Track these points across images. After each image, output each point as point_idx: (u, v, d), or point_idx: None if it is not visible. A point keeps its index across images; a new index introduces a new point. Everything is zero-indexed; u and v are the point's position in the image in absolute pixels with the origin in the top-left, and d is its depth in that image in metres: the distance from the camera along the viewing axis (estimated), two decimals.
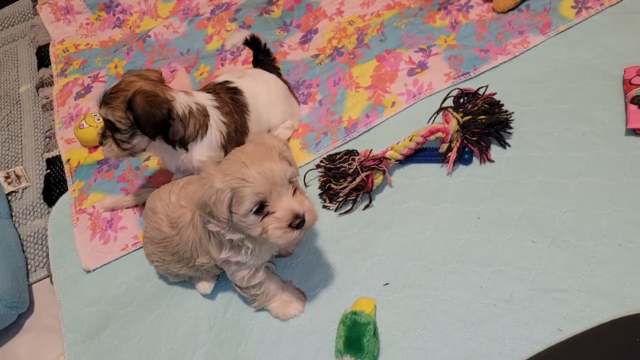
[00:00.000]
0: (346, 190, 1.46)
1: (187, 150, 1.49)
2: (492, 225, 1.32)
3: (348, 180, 1.46)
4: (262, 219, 1.07)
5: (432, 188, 1.45)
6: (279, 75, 1.79)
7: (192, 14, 2.27)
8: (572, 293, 1.16)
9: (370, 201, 1.47)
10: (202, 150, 1.51)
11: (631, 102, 1.39)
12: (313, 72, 1.88)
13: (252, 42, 1.77)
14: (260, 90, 1.65)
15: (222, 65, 2.05)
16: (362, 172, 1.45)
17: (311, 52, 1.97)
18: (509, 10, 1.79)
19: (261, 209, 1.06)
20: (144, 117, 1.38)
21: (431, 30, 1.84)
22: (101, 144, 1.47)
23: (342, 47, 1.92)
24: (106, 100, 1.40)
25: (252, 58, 1.80)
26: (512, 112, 1.48)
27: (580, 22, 1.69)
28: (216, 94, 1.56)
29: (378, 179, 1.47)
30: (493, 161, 1.44)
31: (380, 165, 1.45)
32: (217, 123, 1.52)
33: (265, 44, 1.79)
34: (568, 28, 1.69)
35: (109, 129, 1.43)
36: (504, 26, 1.76)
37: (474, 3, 1.87)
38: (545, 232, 1.27)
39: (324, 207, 1.50)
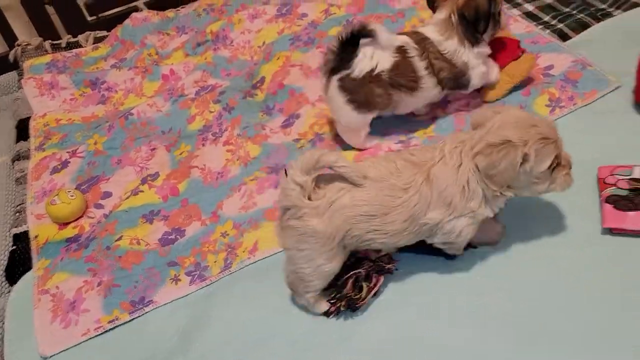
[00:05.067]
0: None
1: None
2: None
3: None
4: (552, 172, 1.23)
5: None
6: None
7: (177, 94, 2.29)
8: None
9: None
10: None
11: (606, 202, 1.41)
12: (293, 156, 1.89)
13: None
14: None
15: (204, 145, 2.05)
16: None
17: (293, 136, 1.99)
18: (497, 100, 1.84)
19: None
20: None
21: (410, 123, 1.88)
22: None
23: (324, 133, 1.95)
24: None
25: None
26: None
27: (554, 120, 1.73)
28: None
29: None
30: None
31: None
32: None
33: None
34: None
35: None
36: None
37: (451, 98, 1.93)
38: None
39: None
